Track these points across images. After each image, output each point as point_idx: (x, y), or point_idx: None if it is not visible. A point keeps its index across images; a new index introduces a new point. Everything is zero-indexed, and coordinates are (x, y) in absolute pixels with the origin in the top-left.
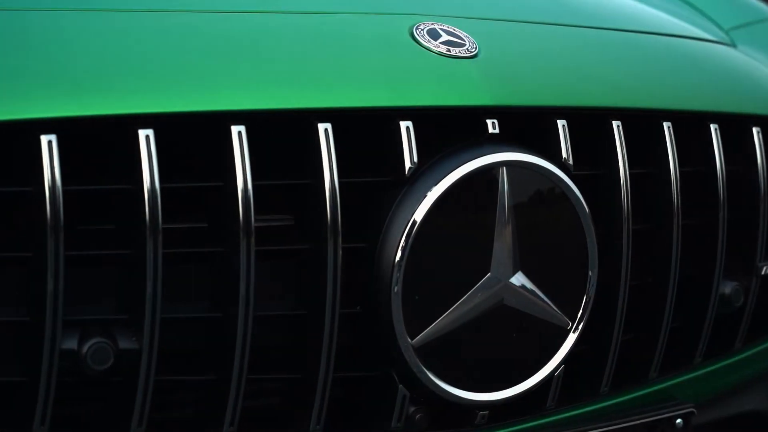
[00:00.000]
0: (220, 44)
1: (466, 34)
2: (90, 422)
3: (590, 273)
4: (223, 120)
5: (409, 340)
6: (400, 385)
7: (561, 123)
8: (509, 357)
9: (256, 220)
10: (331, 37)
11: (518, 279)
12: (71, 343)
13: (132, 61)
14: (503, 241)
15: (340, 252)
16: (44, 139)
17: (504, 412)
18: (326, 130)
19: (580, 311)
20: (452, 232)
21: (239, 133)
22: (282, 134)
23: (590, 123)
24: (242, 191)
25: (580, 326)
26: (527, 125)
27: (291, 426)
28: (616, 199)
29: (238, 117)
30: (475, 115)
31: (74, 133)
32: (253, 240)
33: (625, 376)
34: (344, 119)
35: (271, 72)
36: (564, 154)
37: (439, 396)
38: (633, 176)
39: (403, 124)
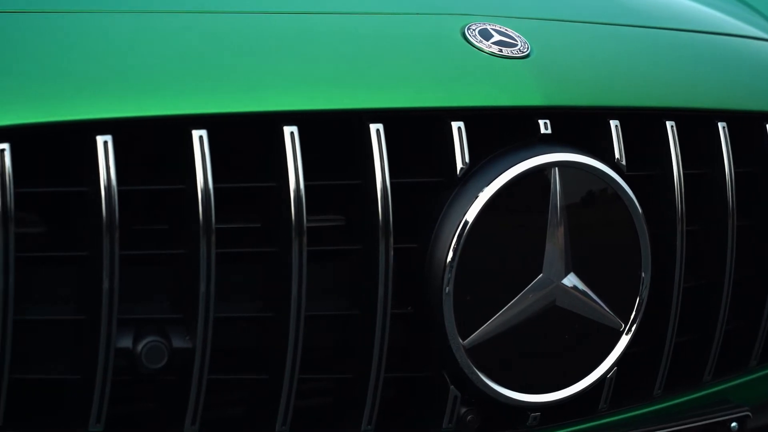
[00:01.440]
0: (271, 45)
1: (517, 34)
2: (144, 421)
3: (643, 274)
4: (275, 120)
5: (461, 340)
6: (452, 386)
7: (614, 123)
8: (561, 358)
9: (308, 220)
10: (383, 38)
11: (570, 280)
12: (126, 342)
13: (185, 63)
14: (555, 242)
15: (392, 252)
16: (100, 139)
17: (556, 414)
18: (378, 130)
19: (633, 313)
20: (504, 233)
21: (291, 133)
22: (334, 135)
23: (643, 123)
24: (294, 191)
25: (633, 328)
26: (579, 125)
27: (342, 426)
28: (669, 199)
29: (290, 117)
30: (527, 115)
31: (129, 134)
32: (305, 240)
33: (678, 379)
34: (396, 120)
35: (322, 73)
36: (617, 155)
37: (490, 397)
38: (686, 176)
39: (455, 125)
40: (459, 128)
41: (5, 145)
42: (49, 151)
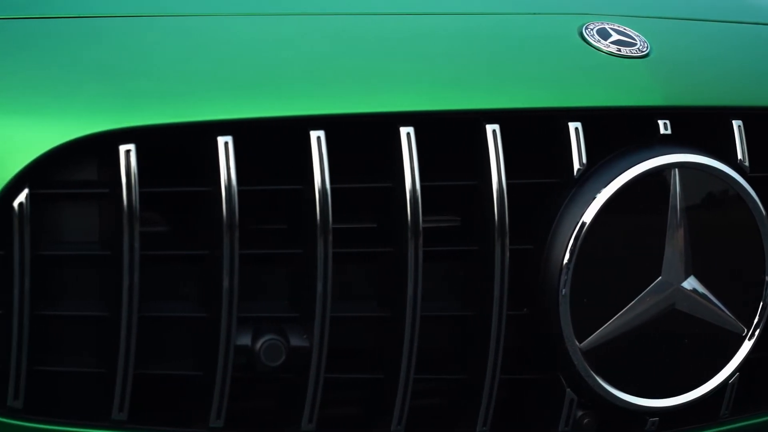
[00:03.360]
0: (387, 46)
1: (637, 34)
2: (262, 418)
3: (767, 278)
4: (392, 121)
5: (577, 343)
6: (568, 389)
7: (737, 123)
8: (680, 363)
9: (423, 221)
10: (500, 38)
11: (690, 283)
12: (245, 340)
13: (303, 65)
14: (675, 245)
15: (508, 253)
16: (221, 140)
17: (675, 420)
18: (494, 131)
19: (756, 318)
20: (622, 235)
21: (408, 134)
22: (449, 135)
23: (765, 123)
24: (410, 192)
25: (756, 333)
26: (700, 126)
27: (457, 426)
28: None
29: (406, 118)
30: (647, 115)
31: (249, 134)
32: (421, 240)
33: None
34: (513, 120)
35: (439, 73)
36: (740, 156)
37: (607, 401)
38: None
39: (572, 125)
40: (576, 129)
41: (131, 146)
42: (171, 151)
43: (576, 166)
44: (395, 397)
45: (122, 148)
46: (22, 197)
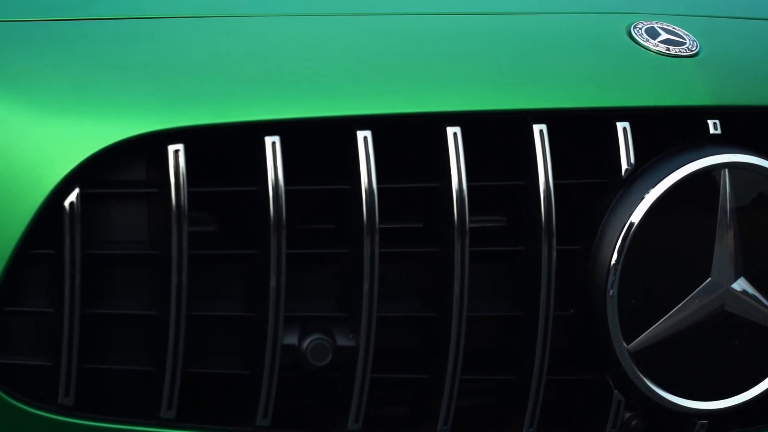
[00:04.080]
0: (433, 46)
1: (686, 32)
2: (308, 417)
3: None
4: (438, 121)
5: (625, 344)
6: (615, 390)
7: None
8: (730, 365)
9: (469, 221)
10: (547, 38)
11: (740, 285)
12: (292, 339)
13: (348, 65)
14: (724, 245)
15: (555, 254)
16: (268, 140)
17: (724, 422)
18: (542, 131)
19: None
20: (670, 236)
21: (455, 134)
22: (496, 135)
23: None
24: (457, 192)
25: None
26: (750, 126)
27: (503, 427)
28: None
29: (453, 118)
30: (696, 115)
31: (295, 134)
32: (467, 241)
33: None
34: (560, 120)
35: (485, 73)
36: None
37: (655, 402)
38: None
39: (620, 125)
40: (624, 128)
41: (180, 146)
42: (217, 151)
43: (624, 166)
44: (441, 397)
45: (171, 148)
46: (72, 197)
